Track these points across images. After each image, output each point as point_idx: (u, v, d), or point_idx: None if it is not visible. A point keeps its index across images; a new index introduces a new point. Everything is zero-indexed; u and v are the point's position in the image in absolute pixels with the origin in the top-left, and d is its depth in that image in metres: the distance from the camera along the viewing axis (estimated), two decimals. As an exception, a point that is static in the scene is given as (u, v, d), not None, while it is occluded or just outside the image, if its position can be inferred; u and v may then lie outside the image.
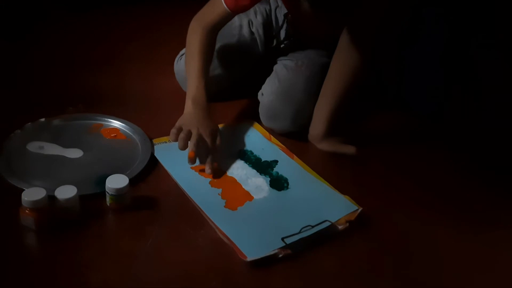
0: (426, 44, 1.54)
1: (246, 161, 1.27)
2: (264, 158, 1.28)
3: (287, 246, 1.02)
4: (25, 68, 1.61)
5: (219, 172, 1.22)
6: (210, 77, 1.33)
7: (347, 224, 1.08)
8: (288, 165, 1.27)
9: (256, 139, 1.35)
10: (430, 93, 1.58)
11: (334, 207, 1.13)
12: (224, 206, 1.13)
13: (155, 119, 1.38)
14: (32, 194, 0.99)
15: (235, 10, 1.30)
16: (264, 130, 1.39)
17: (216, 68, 1.46)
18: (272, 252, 1.00)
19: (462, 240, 1.12)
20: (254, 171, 1.24)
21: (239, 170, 1.24)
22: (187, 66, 1.32)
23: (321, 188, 1.20)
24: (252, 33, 1.51)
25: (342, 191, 1.19)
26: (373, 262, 1.04)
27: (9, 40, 1.74)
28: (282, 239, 1.03)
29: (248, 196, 1.16)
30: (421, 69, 1.57)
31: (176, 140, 1.17)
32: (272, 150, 1.32)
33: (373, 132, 1.46)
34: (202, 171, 1.21)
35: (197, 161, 1.20)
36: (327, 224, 1.08)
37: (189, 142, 1.18)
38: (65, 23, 1.91)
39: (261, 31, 1.50)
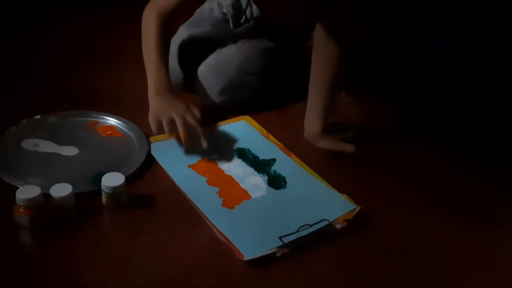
0: (430, 44, 1.54)
1: (243, 160, 1.26)
2: (262, 156, 1.27)
3: (285, 245, 1.01)
4: (21, 65, 1.59)
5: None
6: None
7: (345, 223, 1.07)
8: (286, 164, 1.25)
9: (254, 137, 1.34)
10: (433, 93, 1.57)
11: (332, 206, 1.12)
12: (222, 205, 1.11)
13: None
14: (26, 192, 0.98)
15: None
16: (261, 127, 1.37)
17: (192, 54, 1.46)
18: (270, 251, 0.99)
19: (462, 240, 1.11)
20: (252, 169, 1.23)
21: (236, 168, 1.23)
22: (144, 55, 1.30)
23: (319, 187, 1.19)
24: (224, 14, 1.53)
25: (341, 189, 1.18)
26: (373, 262, 1.03)
27: (8, 38, 1.72)
28: (280, 238, 1.02)
29: (245, 194, 1.15)
30: (424, 69, 1.57)
31: (160, 131, 1.17)
32: (270, 148, 1.31)
33: (375, 131, 1.45)
34: (199, 169, 1.21)
35: (195, 159, 1.22)
36: (325, 223, 1.07)
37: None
38: (63, 20, 1.90)
39: (231, 11, 1.52)
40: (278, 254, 0.99)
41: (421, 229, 1.12)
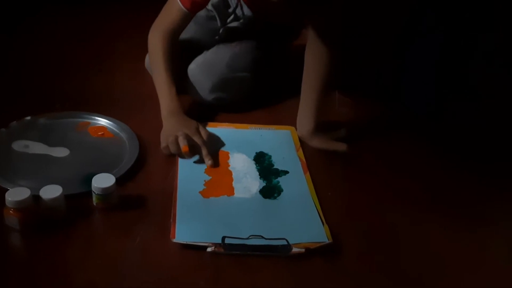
0: (424, 44, 1.54)
1: (256, 163, 1.25)
2: (277, 165, 1.25)
3: (222, 245, 0.99)
4: (11, 66, 1.59)
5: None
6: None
7: (303, 250, 0.99)
8: (296, 179, 1.21)
9: (284, 147, 1.32)
10: (426, 91, 1.57)
11: (304, 231, 1.05)
12: (199, 192, 1.12)
13: (142, 117, 1.36)
14: (16, 194, 0.98)
15: (192, 9, 1.32)
16: (298, 140, 1.35)
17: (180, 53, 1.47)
18: (201, 244, 0.98)
19: (454, 238, 1.11)
20: (257, 174, 1.21)
21: (243, 167, 1.23)
22: (154, 77, 1.34)
23: (307, 210, 1.12)
24: (208, 11, 1.55)
25: (335, 187, 1.18)
26: (365, 261, 1.03)
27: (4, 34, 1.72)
28: (224, 237, 1.00)
29: (230, 191, 1.15)
30: (418, 69, 1.57)
31: (170, 153, 1.21)
32: (292, 161, 1.27)
33: (367, 130, 1.45)
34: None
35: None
36: (282, 242, 1.01)
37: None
38: (53, 20, 1.89)
39: (218, 8, 1.54)
40: (209, 249, 0.97)
41: (413, 228, 1.12)
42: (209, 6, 1.54)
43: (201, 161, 1.22)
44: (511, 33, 1.48)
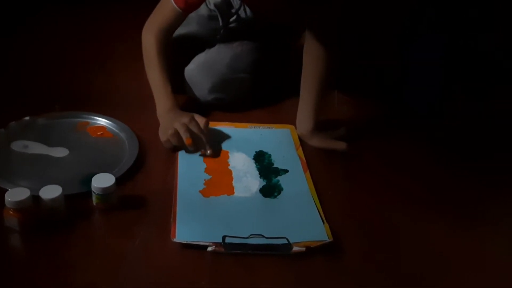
0: (426, 43, 1.54)
1: (256, 162, 1.25)
2: (277, 164, 1.24)
3: (222, 244, 0.98)
4: (12, 65, 1.58)
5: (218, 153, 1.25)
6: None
7: (304, 249, 0.99)
8: (296, 178, 1.21)
9: (284, 146, 1.32)
10: (427, 91, 1.57)
11: (305, 229, 1.04)
12: (199, 191, 1.12)
13: (142, 116, 1.36)
14: (16, 195, 0.97)
15: (186, 9, 1.31)
16: (297, 138, 1.35)
17: (179, 54, 1.46)
18: (202, 243, 0.98)
19: (454, 236, 1.11)
20: (257, 173, 1.21)
21: (243, 167, 1.22)
22: (149, 76, 1.33)
23: (308, 208, 1.11)
24: (210, 10, 1.54)
25: (335, 186, 1.17)
26: (365, 259, 1.03)
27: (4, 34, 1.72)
28: (224, 236, 1.00)
29: (230, 191, 1.14)
30: (418, 68, 1.57)
31: (172, 146, 1.21)
32: (292, 160, 1.27)
33: (367, 129, 1.45)
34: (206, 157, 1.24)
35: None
36: (283, 241, 1.01)
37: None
38: (53, 20, 1.89)
39: (220, 8, 1.54)
40: (210, 249, 0.97)
41: (414, 227, 1.12)
42: (211, 6, 1.54)
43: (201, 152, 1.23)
44: (511, 33, 1.48)
